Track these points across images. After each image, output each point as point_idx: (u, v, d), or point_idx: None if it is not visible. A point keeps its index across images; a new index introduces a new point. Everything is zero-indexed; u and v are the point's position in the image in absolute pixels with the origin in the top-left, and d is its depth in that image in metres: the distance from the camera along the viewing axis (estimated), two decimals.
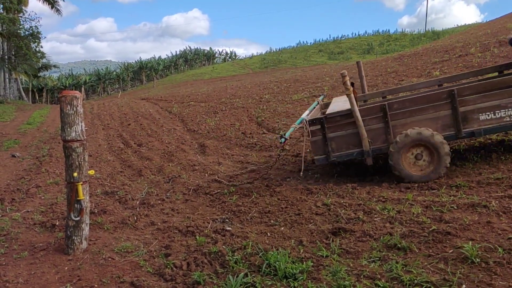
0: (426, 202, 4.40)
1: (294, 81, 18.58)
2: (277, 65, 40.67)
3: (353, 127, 5.45)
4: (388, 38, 46.70)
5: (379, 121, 5.40)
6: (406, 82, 11.80)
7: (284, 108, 12.31)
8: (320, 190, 5.43)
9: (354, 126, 5.44)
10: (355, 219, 4.29)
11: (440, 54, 15.71)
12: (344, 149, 5.58)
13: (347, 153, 5.58)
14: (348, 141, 5.53)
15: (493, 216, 3.73)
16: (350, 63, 29.04)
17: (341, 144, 5.57)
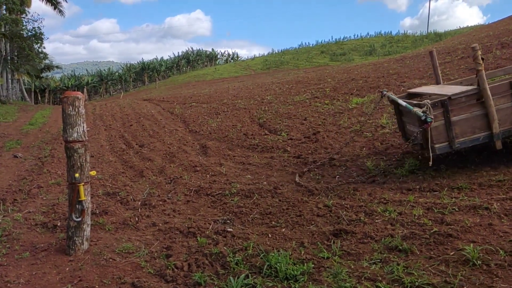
0: (428, 204, 4.39)
1: (296, 83, 18.56)
2: (279, 66, 40.69)
3: (479, 108, 5.06)
4: (390, 39, 46.69)
5: (508, 100, 5.06)
6: (408, 84, 11.78)
7: (286, 109, 12.31)
8: (321, 192, 5.43)
9: (480, 108, 5.05)
10: (356, 220, 4.29)
11: (442, 55, 15.67)
12: (469, 134, 5.12)
13: (472, 138, 5.12)
14: (474, 124, 5.09)
15: (495, 218, 3.72)
16: (352, 64, 29.02)
17: (466, 128, 5.09)
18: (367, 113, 9.63)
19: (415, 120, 5.39)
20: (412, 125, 5.72)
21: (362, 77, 15.19)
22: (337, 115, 10.31)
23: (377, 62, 21.65)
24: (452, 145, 5.12)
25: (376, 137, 7.84)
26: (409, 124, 5.90)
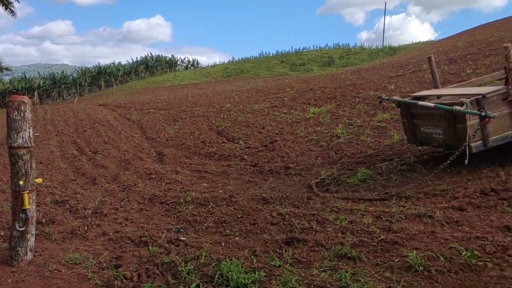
0: (377, 212, 4.53)
1: (256, 91, 18.69)
2: (239, 74, 40.83)
3: (507, 107, 5.12)
4: (348, 51, 47.96)
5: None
6: (363, 95, 12.14)
7: (244, 117, 12.36)
8: (276, 200, 5.48)
9: (508, 106, 5.12)
10: (309, 229, 4.35)
11: (395, 69, 16.27)
12: (500, 132, 5.12)
13: (503, 136, 5.14)
14: (504, 123, 5.12)
15: (437, 226, 3.89)
16: (311, 74, 29.54)
17: (497, 126, 5.08)
18: (333, 122, 9.82)
19: (439, 121, 5.47)
20: (432, 127, 5.73)
21: (320, 87, 15.50)
22: (295, 124, 10.46)
23: (334, 73, 22.17)
24: (486, 143, 5.12)
25: (331, 147, 8.02)
26: (426, 126, 5.86)
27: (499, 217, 3.87)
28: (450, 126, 5.29)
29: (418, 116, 5.99)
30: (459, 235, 3.63)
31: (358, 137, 8.17)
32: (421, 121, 5.94)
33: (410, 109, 6.01)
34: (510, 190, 4.36)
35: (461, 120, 5.09)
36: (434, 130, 5.68)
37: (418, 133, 6.05)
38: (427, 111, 5.66)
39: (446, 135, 5.44)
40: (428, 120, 5.76)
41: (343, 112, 10.55)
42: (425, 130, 5.88)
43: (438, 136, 5.54)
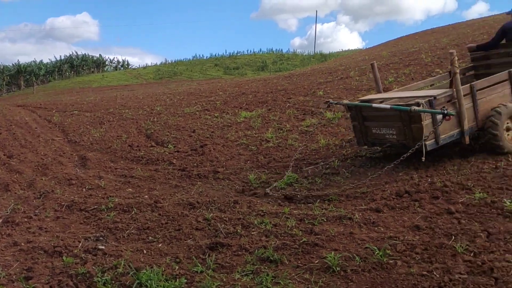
0: (301, 215, 4.62)
1: (188, 94, 18.51)
2: (172, 77, 40.20)
3: (453, 108, 5.41)
4: (281, 57, 49.00)
5: (469, 101, 5.52)
6: (293, 100, 12.42)
7: (175, 121, 12.16)
8: (203, 205, 5.42)
9: (453, 107, 5.42)
10: (234, 233, 4.34)
11: (325, 75, 16.84)
12: (447, 131, 5.43)
13: (450, 134, 5.47)
14: (450, 122, 5.39)
15: (356, 227, 4.05)
16: (244, 78, 29.78)
17: (445, 126, 5.35)
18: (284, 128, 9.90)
19: (393, 122, 5.68)
20: (385, 128, 5.88)
21: (252, 91, 15.66)
22: (225, 128, 10.46)
23: (267, 78, 22.52)
24: (438, 141, 5.39)
25: (261, 151, 8.10)
26: (379, 127, 5.99)
27: (411, 217, 4.11)
28: (405, 126, 5.51)
29: (370, 118, 6.11)
30: (374, 235, 3.80)
31: (287, 141, 8.34)
32: (373, 123, 6.08)
33: (362, 112, 6.14)
34: (421, 192, 4.65)
35: (416, 120, 5.33)
36: (387, 131, 5.86)
37: (369, 135, 6.17)
38: (380, 113, 5.84)
39: (400, 135, 5.66)
40: (381, 122, 5.94)
41: (273, 117, 10.72)
42: (377, 131, 6.02)
43: (391, 137, 5.78)
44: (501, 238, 3.40)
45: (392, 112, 5.57)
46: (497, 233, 3.48)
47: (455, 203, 4.26)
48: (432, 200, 4.46)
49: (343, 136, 7.97)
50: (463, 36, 19.58)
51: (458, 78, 5.48)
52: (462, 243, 3.37)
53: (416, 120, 5.33)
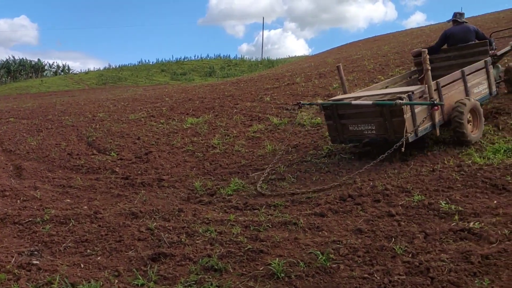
0: (246, 222, 4.59)
1: (133, 100, 18.01)
2: (116, 82, 39.00)
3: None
4: (228, 62, 48.91)
5: (436, 96, 5.82)
6: (240, 106, 12.42)
7: (119, 127, 11.77)
8: (146, 214, 5.26)
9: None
10: (178, 242, 4.24)
11: (272, 81, 16.98)
12: (423, 124, 5.71)
13: (425, 127, 5.77)
14: (424, 116, 5.72)
15: (300, 232, 4.07)
16: (192, 84, 29.45)
17: (421, 119, 5.68)
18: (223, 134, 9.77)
19: (372, 117, 5.87)
20: (363, 124, 6.04)
21: (199, 97, 15.50)
22: (171, 134, 10.25)
23: (214, 84, 22.40)
24: (417, 134, 5.69)
25: (207, 157, 8.00)
26: (356, 124, 6.12)
27: (354, 220, 4.19)
28: (386, 120, 5.71)
29: (346, 116, 6.22)
30: (319, 240, 3.83)
31: (233, 147, 8.30)
32: (349, 120, 6.19)
33: (338, 110, 6.22)
34: (364, 196, 4.76)
35: (398, 114, 5.57)
36: (365, 127, 6.02)
37: (346, 132, 6.28)
38: (359, 110, 6.00)
39: (380, 129, 5.87)
40: (359, 119, 6.07)
41: (220, 123, 10.65)
42: (355, 128, 6.15)
43: (370, 132, 5.99)
44: (437, 238, 3.53)
45: (372, 108, 5.74)
46: (433, 234, 3.62)
47: (395, 206, 4.39)
48: (374, 203, 4.57)
49: (290, 142, 8.04)
50: (403, 44, 20.51)
51: (429, 74, 5.77)
52: (401, 245, 3.46)
53: (398, 114, 5.58)
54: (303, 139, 8.11)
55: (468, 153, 5.54)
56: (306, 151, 7.31)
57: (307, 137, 8.21)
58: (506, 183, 4.38)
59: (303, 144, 7.80)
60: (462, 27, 7.26)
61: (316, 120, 9.13)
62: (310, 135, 8.32)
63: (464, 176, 4.79)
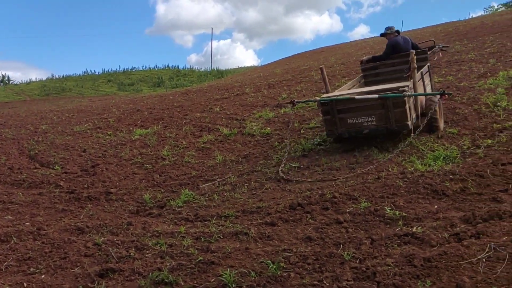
0: (197, 233, 4.55)
1: (78, 111, 17.40)
2: (60, 93, 37.47)
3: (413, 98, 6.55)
4: (177, 73, 48.45)
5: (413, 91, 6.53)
6: (190, 116, 12.34)
7: (63, 140, 11.33)
8: (93, 229, 5.09)
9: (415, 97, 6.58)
10: (126, 257, 4.13)
11: (221, 91, 17.02)
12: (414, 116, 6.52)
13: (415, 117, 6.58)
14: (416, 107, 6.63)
15: (251, 242, 4.09)
16: (140, 95, 28.90)
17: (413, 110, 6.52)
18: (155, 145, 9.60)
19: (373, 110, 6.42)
20: (363, 116, 6.55)
21: (148, 108, 15.25)
22: (119, 146, 10.00)
23: (163, 94, 22.11)
24: (413, 123, 6.43)
25: (156, 169, 7.88)
26: (356, 117, 6.60)
27: (303, 229, 4.27)
28: (388, 112, 6.29)
29: (345, 110, 6.66)
30: (269, 249, 3.87)
31: (183, 159, 8.22)
32: (348, 114, 6.64)
33: (337, 105, 6.65)
34: (313, 204, 4.86)
35: (400, 105, 6.22)
36: (365, 119, 6.54)
37: (344, 125, 6.71)
38: (359, 104, 6.51)
39: (380, 121, 6.42)
40: (358, 112, 6.56)
41: (169, 134, 10.52)
42: (354, 121, 6.63)
43: (370, 124, 6.51)
44: (382, 243, 3.67)
45: (373, 102, 6.37)
46: (379, 239, 3.76)
47: (343, 213, 4.52)
48: (323, 211, 4.68)
49: (240, 152, 8.09)
50: (348, 55, 21.27)
51: (415, 72, 6.56)
52: (349, 251, 3.57)
53: (400, 105, 6.21)
54: (253, 149, 8.18)
55: (410, 161, 5.82)
56: (256, 161, 7.37)
57: (257, 147, 8.29)
58: (445, 188, 4.64)
59: (253, 154, 7.86)
60: (403, 37, 7.99)
61: (265, 130, 9.25)
62: (260, 145, 8.41)
63: (407, 183, 5.02)
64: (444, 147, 6.11)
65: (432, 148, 6.18)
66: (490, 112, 7.09)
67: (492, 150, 5.48)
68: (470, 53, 13.11)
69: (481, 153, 5.45)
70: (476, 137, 6.16)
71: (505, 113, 6.79)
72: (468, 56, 12.69)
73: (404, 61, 7.60)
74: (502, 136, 5.85)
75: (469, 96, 8.25)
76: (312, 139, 7.98)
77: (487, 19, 25.53)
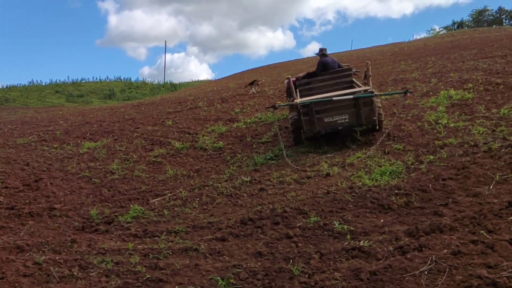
0: (146, 250, 4.44)
1: (22, 123, 16.61)
2: (3, 103, 35.59)
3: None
4: (129, 85, 47.50)
5: None
6: (141, 129, 12.10)
7: (4, 153, 10.75)
8: (34, 247, 4.83)
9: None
10: (69, 276, 3.96)
11: (174, 105, 16.84)
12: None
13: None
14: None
15: (201, 258, 4.04)
16: (89, 107, 28.08)
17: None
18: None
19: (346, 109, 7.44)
20: (337, 115, 7.52)
21: (98, 120, 14.82)
22: (66, 160, 9.61)
23: (114, 107, 21.59)
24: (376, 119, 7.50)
25: (105, 184, 7.63)
26: (331, 116, 7.53)
27: (254, 244, 4.27)
28: (359, 110, 7.32)
29: (322, 111, 7.56)
30: (219, 265, 3.83)
31: (133, 173, 8.02)
32: (325, 114, 7.55)
33: (315, 107, 7.52)
34: (264, 219, 4.88)
35: (368, 104, 7.34)
36: (339, 117, 7.50)
37: (321, 124, 7.57)
38: (334, 105, 7.49)
39: (352, 118, 7.44)
40: (333, 111, 7.52)
41: (120, 147, 10.26)
42: (330, 119, 7.55)
43: (343, 121, 7.50)
44: (331, 258, 3.73)
45: (346, 102, 7.41)
46: (328, 253, 3.82)
47: (293, 228, 4.56)
48: (273, 226, 4.70)
49: (192, 166, 8.00)
50: (300, 71, 21.69)
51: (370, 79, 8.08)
52: (298, 266, 3.60)
53: (369, 104, 7.35)
54: (205, 164, 8.13)
55: (359, 175, 5.98)
56: (208, 175, 7.32)
57: (209, 161, 8.24)
58: (391, 203, 4.80)
59: (205, 168, 7.81)
60: (331, 58, 9.36)
61: (218, 144, 9.22)
62: (212, 159, 8.37)
63: (356, 197, 5.15)
64: (390, 162, 6.33)
65: (379, 163, 6.39)
66: (432, 129, 7.45)
67: (434, 165, 5.74)
68: (414, 73, 13.78)
69: (424, 168, 5.69)
70: (419, 153, 6.44)
71: (445, 131, 7.16)
72: (412, 76, 13.32)
73: (332, 77, 8.74)
74: (443, 152, 6.15)
75: (413, 114, 8.64)
76: (264, 153, 8.03)
77: (429, 41, 27.03)
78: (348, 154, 6.95)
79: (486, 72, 11.35)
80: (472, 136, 6.60)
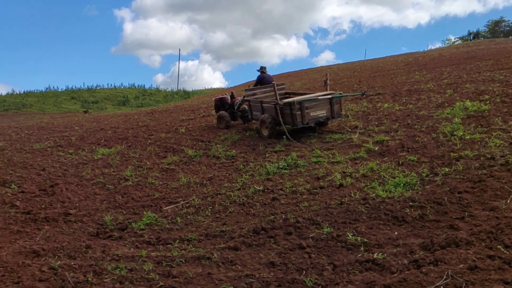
0: (159, 257, 4.46)
1: (39, 128, 16.88)
2: (20, 109, 36.34)
3: None
4: (143, 92, 48.03)
5: None
6: (155, 136, 12.21)
7: (21, 158, 10.92)
8: (49, 252, 4.89)
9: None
10: (84, 282, 3.99)
11: (187, 112, 16.98)
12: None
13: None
14: None
15: (214, 267, 4.05)
16: (104, 113, 28.41)
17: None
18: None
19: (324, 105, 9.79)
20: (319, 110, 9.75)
21: (112, 127, 15.00)
22: (81, 166, 9.74)
23: (128, 113, 21.83)
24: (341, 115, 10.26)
25: (118, 190, 7.70)
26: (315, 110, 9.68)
27: (267, 253, 4.27)
28: (332, 106, 9.79)
29: (309, 107, 9.57)
30: (232, 274, 3.83)
31: (147, 180, 8.09)
32: (311, 109, 9.62)
33: (305, 103, 9.48)
34: (276, 228, 4.88)
35: (338, 102, 9.96)
36: (320, 112, 9.73)
37: (308, 117, 9.57)
38: (317, 102, 9.67)
39: (328, 113, 9.83)
40: (317, 107, 9.69)
41: (133, 154, 10.36)
42: (314, 114, 9.67)
43: (322, 115, 9.79)
44: (344, 270, 3.71)
45: (325, 100, 9.75)
46: (341, 265, 3.80)
47: (306, 238, 4.55)
48: (286, 236, 4.70)
49: (204, 174, 8.04)
50: (313, 81, 21.74)
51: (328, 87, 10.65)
52: (311, 277, 3.59)
53: (338, 102, 9.99)
54: (217, 172, 8.16)
55: (372, 187, 5.95)
56: (221, 184, 7.35)
57: (222, 170, 8.27)
58: (405, 215, 4.76)
59: (218, 176, 7.84)
60: (269, 75, 12.24)
61: (230, 152, 9.25)
62: (225, 167, 8.40)
63: (369, 209, 5.13)
64: (404, 174, 6.29)
65: (393, 174, 6.36)
66: (448, 141, 7.39)
67: (449, 178, 5.69)
68: (429, 83, 13.70)
69: (439, 180, 5.65)
70: (434, 165, 6.39)
71: (461, 143, 7.10)
72: (427, 86, 13.24)
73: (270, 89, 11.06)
74: (459, 164, 6.10)
75: (428, 125, 8.58)
76: (277, 162, 8.04)
77: (444, 51, 26.84)
78: (361, 165, 6.92)
79: (502, 84, 11.24)
80: (489, 148, 6.53)
